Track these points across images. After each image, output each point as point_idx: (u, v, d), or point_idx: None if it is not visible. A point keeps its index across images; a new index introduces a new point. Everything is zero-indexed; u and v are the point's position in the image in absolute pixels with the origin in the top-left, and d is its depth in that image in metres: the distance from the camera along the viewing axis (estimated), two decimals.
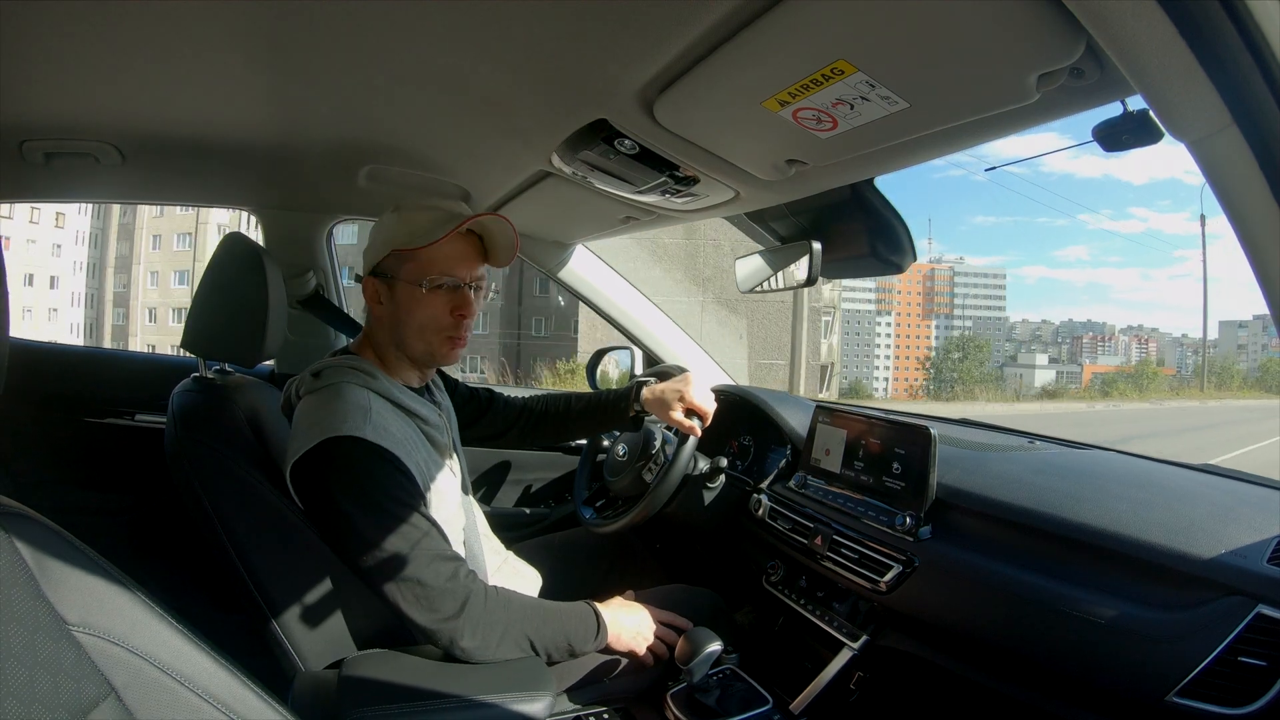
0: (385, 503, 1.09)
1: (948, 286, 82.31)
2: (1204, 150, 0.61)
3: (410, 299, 1.22)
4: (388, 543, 1.07)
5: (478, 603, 1.11)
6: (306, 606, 1.18)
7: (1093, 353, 70.09)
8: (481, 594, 1.12)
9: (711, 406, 1.46)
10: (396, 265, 1.23)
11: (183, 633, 0.71)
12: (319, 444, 1.09)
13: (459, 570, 1.11)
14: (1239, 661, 0.83)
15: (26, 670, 0.57)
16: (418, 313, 1.22)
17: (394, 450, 1.12)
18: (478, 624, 1.10)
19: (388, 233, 1.23)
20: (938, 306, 77.94)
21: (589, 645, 1.21)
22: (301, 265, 2.01)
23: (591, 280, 2.16)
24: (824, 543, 1.39)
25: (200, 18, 0.94)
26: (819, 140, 1.02)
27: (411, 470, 1.14)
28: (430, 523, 1.12)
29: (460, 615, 1.08)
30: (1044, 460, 1.38)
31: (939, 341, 71.24)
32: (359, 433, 1.10)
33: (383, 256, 1.23)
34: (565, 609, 1.22)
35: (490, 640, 1.11)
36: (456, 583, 1.10)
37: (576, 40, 0.92)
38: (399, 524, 1.08)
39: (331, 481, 1.10)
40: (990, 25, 0.70)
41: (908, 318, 75.49)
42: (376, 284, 1.25)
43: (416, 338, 1.24)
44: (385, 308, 1.24)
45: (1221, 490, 1.13)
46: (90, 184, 1.75)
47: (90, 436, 1.95)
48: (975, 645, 1.12)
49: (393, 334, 1.25)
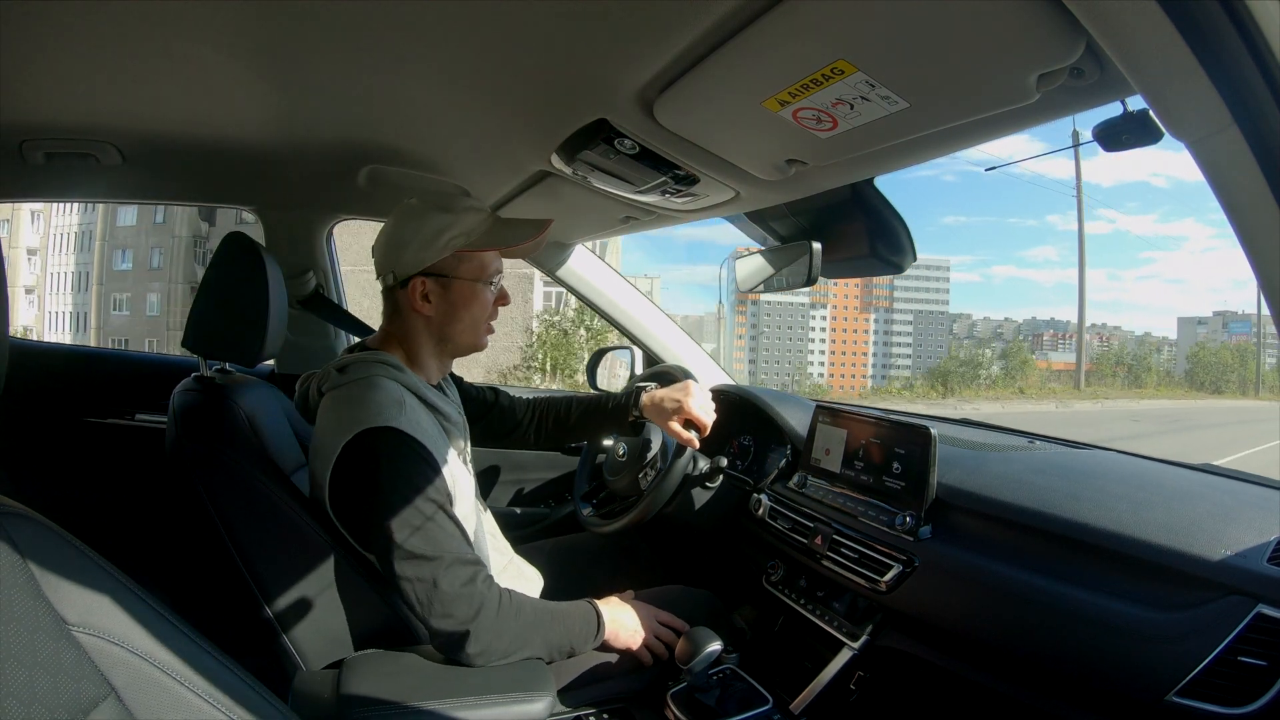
0: (417, 498, 1.09)
1: (887, 279, 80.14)
2: (1204, 150, 0.61)
3: (470, 296, 1.26)
4: (413, 540, 1.07)
5: (490, 611, 1.10)
6: (307, 606, 1.18)
7: (1053, 348, 69.20)
8: (495, 603, 1.11)
9: (710, 418, 1.45)
10: (455, 264, 1.25)
11: (183, 632, 0.71)
12: (358, 435, 1.10)
13: (477, 575, 1.11)
14: (1239, 661, 0.83)
15: (26, 670, 0.57)
16: (474, 308, 1.27)
17: (428, 444, 1.13)
18: (487, 632, 1.09)
19: (445, 234, 1.24)
20: (876, 300, 76.94)
21: (589, 645, 1.21)
22: (301, 265, 2.01)
23: (591, 280, 2.17)
24: (824, 542, 1.39)
25: (201, 18, 0.94)
26: (819, 140, 1.02)
27: (440, 464, 1.15)
28: (453, 521, 1.13)
29: (471, 621, 1.08)
30: (1044, 460, 1.38)
31: (877, 336, 70.43)
32: (396, 424, 1.10)
33: (443, 257, 1.24)
34: (570, 612, 1.22)
35: (496, 649, 1.11)
36: (473, 588, 1.09)
37: (576, 40, 0.92)
38: (427, 521, 1.08)
39: (371, 472, 1.10)
40: (990, 25, 0.70)
41: (845, 311, 74.18)
42: (428, 283, 1.25)
43: (468, 331, 1.29)
44: (434, 305, 1.26)
45: (1222, 490, 1.12)
46: (91, 184, 1.75)
47: (91, 436, 1.95)
48: (975, 645, 1.12)
49: (441, 330, 1.27)
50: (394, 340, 1.29)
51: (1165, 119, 0.64)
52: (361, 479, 1.11)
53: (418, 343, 1.28)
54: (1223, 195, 0.61)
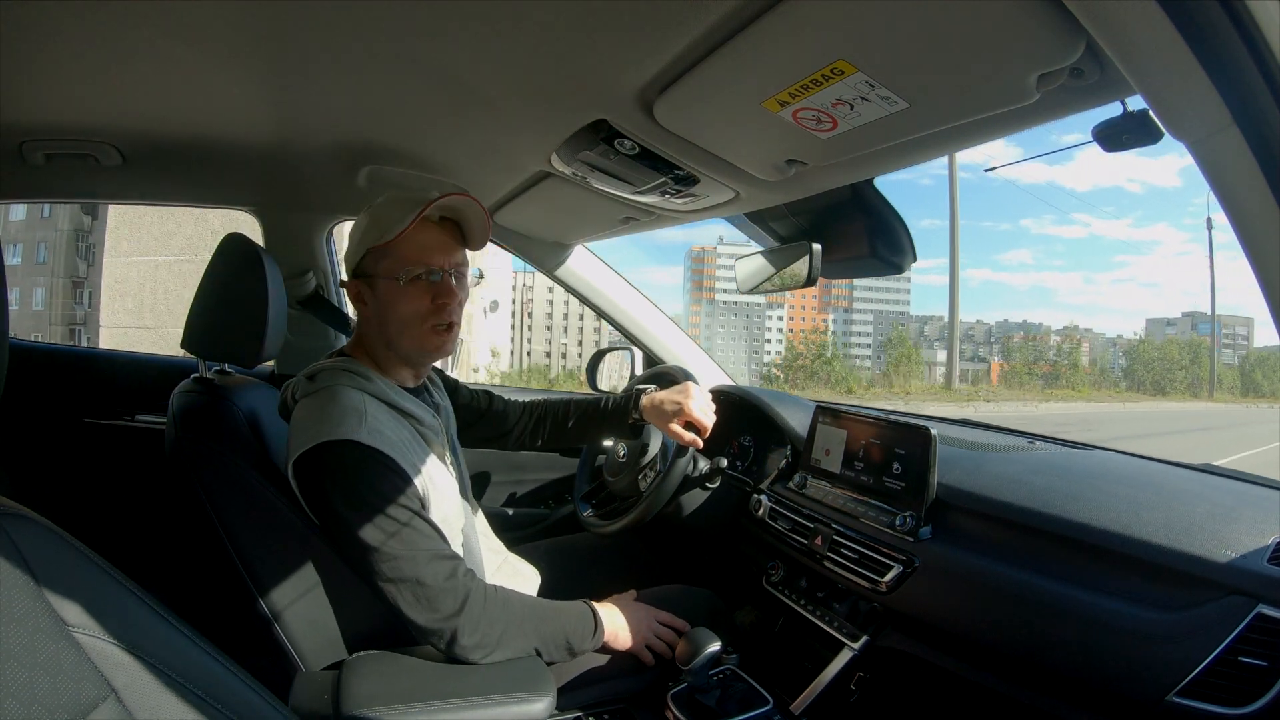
0: (381, 505, 1.09)
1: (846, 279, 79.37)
2: (1204, 150, 0.61)
3: (391, 294, 1.21)
4: (386, 545, 1.07)
5: (477, 601, 1.11)
6: (306, 607, 1.17)
7: (1020, 351, 68.87)
8: (481, 593, 1.12)
9: (711, 420, 1.43)
10: (374, 263, 1.22)
11: (183, 633, 0.71)
12: (314, 448, 1.09)
13: (457, 569, 1.11)
14: (1239, 661, 0.83)
15: (26, 671, 0.57)
16: (400, 307, 1.20)
17: (389, 452, 1.12)
18: (477, 622, 1.10)
19: (360, 232, 1.23)
20: (835, 300, 76.68)
21: (587, 644, 1.21)
22: (301, 265, 2.01)
23: (591, 280, 2.17)
24: (824, 543, 1.39)
25: (200, 18, 0.94)
26: (819, 140, 1.02)
27: (408, 471, 1.14)
28: (428, 523, 1.12)
29: (460, 614, 1.08)
30: (1044, 460, 1.38)
31: (835, 337, 70.10)
32: (353, 436, 1.09)
33: (360, 257, 1.22)
34: (563, 608, 1.23)
35: (489, 639, 1.11)
36: (455, 581, 1.10)
37: (576, 41, 0.92)
38: (396, 525, 1.08)
39: (328, 486, 1.10)
40: (990, 25, 0.70)
41: (803, 310, 73.85)
42: (359, 285, 1.24)
43: (402, 333, 1.22)
44: (370, 307, 1.24)
45: (1222, 490, 1.12)
46: (90, 184, 1.75)
47: (90, 437, 1.95)
48: (975, 645, 1.12)
49: (381, 333, 1.24)
50: (361, 346, 1.28)
51: (1165, 119, 0.64)
52: (319, 492, 1.12)
53: (375, 346, 1.26)
54: (1223, 196, 0.61)
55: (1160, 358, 51.72)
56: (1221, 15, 0.52)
